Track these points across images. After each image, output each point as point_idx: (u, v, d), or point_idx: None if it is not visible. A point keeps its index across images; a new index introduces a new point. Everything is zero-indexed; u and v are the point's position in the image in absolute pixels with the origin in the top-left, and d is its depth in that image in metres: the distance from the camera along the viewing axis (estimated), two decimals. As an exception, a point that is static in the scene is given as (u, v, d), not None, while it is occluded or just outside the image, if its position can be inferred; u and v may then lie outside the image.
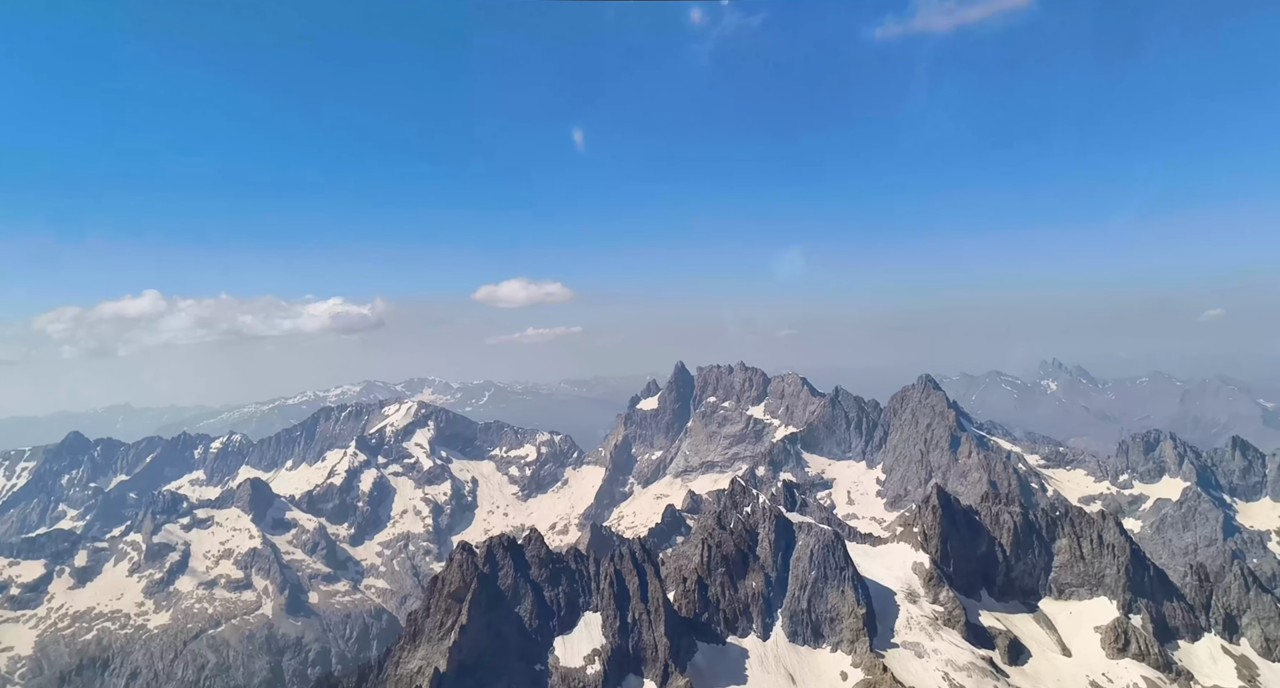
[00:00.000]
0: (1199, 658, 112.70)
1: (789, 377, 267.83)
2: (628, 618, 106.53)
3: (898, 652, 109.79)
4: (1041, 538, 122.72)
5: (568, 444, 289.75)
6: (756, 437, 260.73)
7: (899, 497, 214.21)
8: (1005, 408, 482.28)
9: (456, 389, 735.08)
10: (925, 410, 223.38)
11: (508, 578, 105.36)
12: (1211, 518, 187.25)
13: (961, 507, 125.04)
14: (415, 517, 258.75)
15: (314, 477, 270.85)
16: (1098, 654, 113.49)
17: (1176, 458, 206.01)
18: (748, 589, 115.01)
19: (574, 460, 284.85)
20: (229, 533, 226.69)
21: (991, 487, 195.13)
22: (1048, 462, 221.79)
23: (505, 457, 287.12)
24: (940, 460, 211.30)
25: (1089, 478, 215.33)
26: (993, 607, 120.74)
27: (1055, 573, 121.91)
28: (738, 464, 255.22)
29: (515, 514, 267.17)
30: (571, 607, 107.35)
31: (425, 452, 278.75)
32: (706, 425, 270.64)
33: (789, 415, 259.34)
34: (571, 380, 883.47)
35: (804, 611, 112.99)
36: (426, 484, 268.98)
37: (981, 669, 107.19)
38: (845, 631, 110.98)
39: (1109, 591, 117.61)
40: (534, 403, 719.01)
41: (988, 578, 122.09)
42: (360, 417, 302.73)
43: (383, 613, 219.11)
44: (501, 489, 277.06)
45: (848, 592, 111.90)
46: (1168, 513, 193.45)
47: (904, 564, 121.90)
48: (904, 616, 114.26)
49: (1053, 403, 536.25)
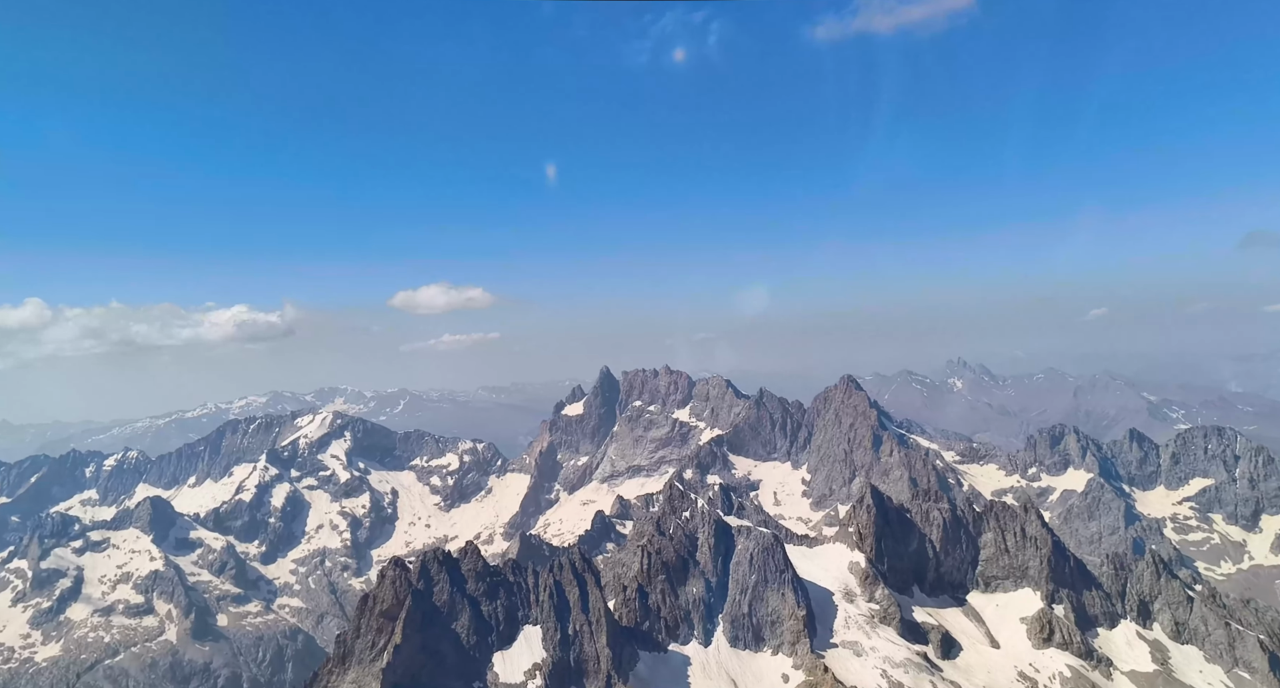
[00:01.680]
0: (1117, 644, 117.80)
1: (714, 379, 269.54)
2: (568, 630, 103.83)
3: (837, 652, 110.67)
4: (968, 533, 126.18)
5: (491, 452, 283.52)
6: (683, 440, 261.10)
7: (824, 496, 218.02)
8: (916, 406, 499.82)
9: (370, 398, 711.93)
10: (848, 411, 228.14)
11: (443, 594, 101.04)
12: (1114, 507, 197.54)
13: (894, 505, 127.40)
14: (332, 531, 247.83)
15: (220, 493, 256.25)
16: (1024, 645, 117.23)
17: (1080, 451, 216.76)
18: (688, 596, 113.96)
19: (498, 469, 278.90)
20: (127, 555, 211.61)
21: (912, 484, 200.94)
22: (962, 458, 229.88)
23: (426, 466, 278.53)
24: (863, 459, 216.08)
25: (1000, 472, 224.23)
26: (924, 602, 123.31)
27: (982, 567, 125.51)
28: (664, 468, 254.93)
29: (438, 525, 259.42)
30: (510, 621, 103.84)
31: (342, 463, 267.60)
32: (632, 430, 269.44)
33: (714, 418, 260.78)
34: (490, 387, 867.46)
35: (745, 615, 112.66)
36: (344, 497, 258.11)
37: (917, 665, 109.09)
38: (786, 633, 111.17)
39: (1033, 582, 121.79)
40: (452, 411, 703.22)
41: (919, 574, 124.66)
42: (270, 429, 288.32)
43: (298, 633, 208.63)
44: (423, 500, 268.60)
45: (788, 594, 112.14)
46: (1074, 504, 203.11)
47: (840, 564, 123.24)
48: (842, 615, 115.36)
49: (959, 400, 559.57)
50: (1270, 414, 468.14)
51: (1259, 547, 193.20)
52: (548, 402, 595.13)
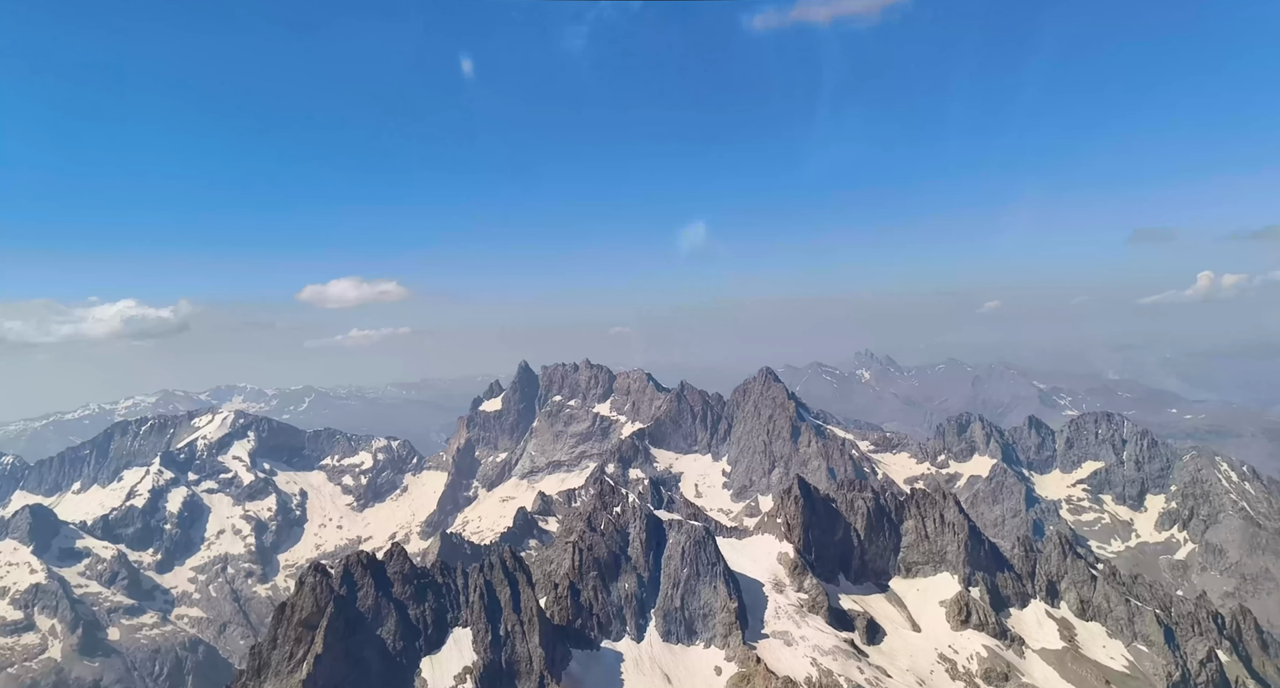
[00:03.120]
0: (1028, 623, 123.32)
1: (634, 373, 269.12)
2: (500, 631, 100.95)
3: (769, 642, 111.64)
4: (891, 521, 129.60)
5: (407, 450, 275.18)
6: (603, 434, 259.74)
7: (745, 487, 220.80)
8: (826, 397, 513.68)
9: (272, 396, 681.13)
10: (767, 402, 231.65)
11: (368, 599, 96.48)
12: (1016, 491, 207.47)
13: (820, 496, 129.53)
14: (234, 536, 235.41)
15: (109, 499, 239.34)
16: (944, 628, 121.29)
17: (985, 438, 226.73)
18: (621, 591, 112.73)
19: (414, 466, 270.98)
20: (3, 569, 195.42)
21: (830, 474, 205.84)
22: (876, 447, 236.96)
23: (338, 466, 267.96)
24: (783, 450, 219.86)
25: (912, 460, 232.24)
26: (850, 590, 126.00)
27: (904, 553, 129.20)
28: (585, 463, 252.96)
29: (350, 526, 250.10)
30: (439, 624, 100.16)
31: (245, 465, 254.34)
32: (552, 425, 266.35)
33: (635, 412, 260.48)
34: (400, 383, 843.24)
35: (677, 609, 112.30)
36: (247, 500, 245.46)
37: (845, 652, 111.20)
38: (718, 626, 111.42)
39: (951, 566, 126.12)
40: (360, 408, 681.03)
41: (845, 563, 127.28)
42: (165, 430, 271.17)
43: (198, 644, 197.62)
44: (334, 501, 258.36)
45: (719, 587, 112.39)
46: (980, 488, 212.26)
47: (770, 555, 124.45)
48: (772, 606, 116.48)
49: (867, 391, 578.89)
50: (1147, 400, 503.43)
51: (1144, 525, 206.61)
52: (461, 398, 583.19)
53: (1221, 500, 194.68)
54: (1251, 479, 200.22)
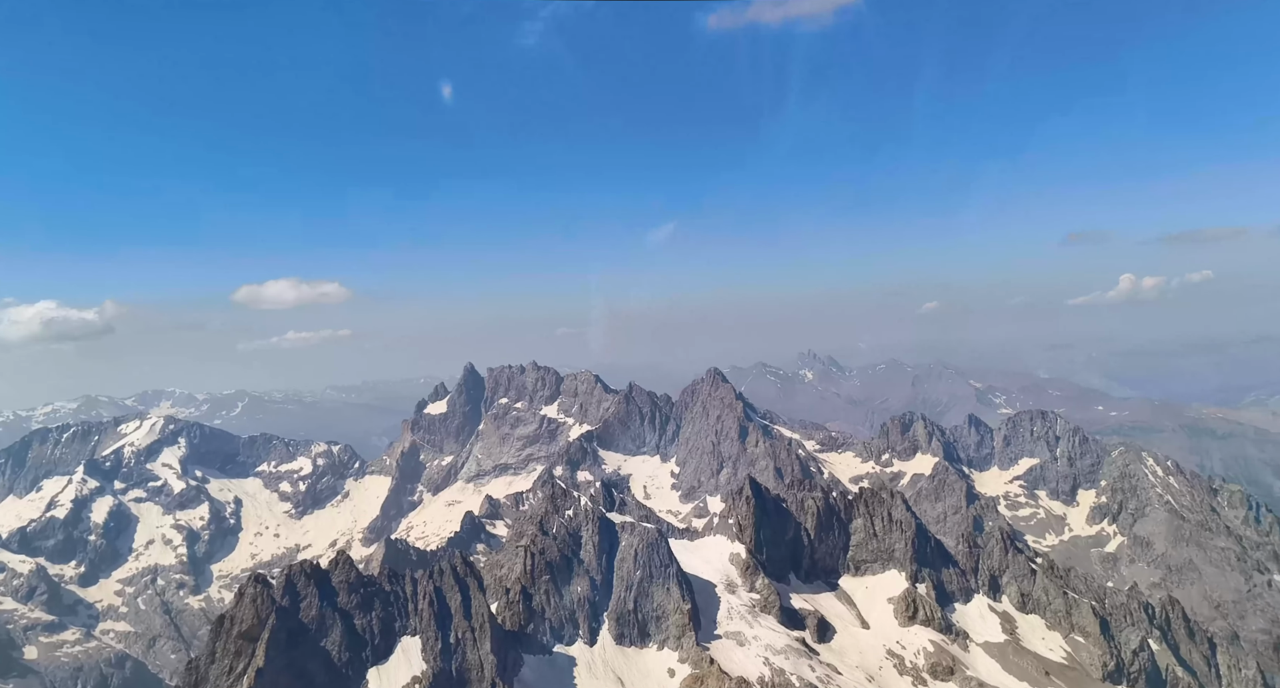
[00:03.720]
0: (971, 618, 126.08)
1: (582, 375, 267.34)
2: (450, 639, 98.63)
3: (721, 643, 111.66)
4: (840, 519, 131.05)
5: (348, 454, 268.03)
6: (551, 436, 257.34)
7: (693, 488, 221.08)
8: (771, 397, 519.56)
9: (203, 401, 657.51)
10: (715, 403, 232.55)
11: (312, 609, 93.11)
12: (957, 488, 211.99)
13: (771, 496, 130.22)
14: (164, 547, 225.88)
15: (27, 510, 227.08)
16: (892, 624, 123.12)
17: (927, 437, 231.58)
18: (573, 595, 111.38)
19: (355, 472, 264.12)
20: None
21: (778, 473, 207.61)
22: (822, 446, 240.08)
23: (275, 472, 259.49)
24: (730, 451, 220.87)
25: (857, 459, 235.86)
26: (801, 589, 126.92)
27: (852, 551, 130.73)
28: (532, 465, 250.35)
29: (288, 534, 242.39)
30: (387, 633, 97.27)
31: (176, 473, 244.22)
32: (499, 427, 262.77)
33: (583, 414, 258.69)
34: (338, 386, 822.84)
35: (630, 611, 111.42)
36: (178, 509, 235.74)
37: (797, 651, 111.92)
38: (671, 627, 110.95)
39: (898, 563, 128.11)
40: (297, 412, 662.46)
41: (795, 562, 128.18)
42: (88, 437, 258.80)
43: (125, 660, 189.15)
44: (271, 508, 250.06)
45: (672, 589, 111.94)
46: (923, 486, 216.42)
47: (721, 556, 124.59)
48: (725, 606, 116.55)
49: (810, 391, 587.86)
50: (1077, 397, 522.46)
51: (1077, 519, 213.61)
52: (403, 401, 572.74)
53: (1148, 495, 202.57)
54: (1175, 474, 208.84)
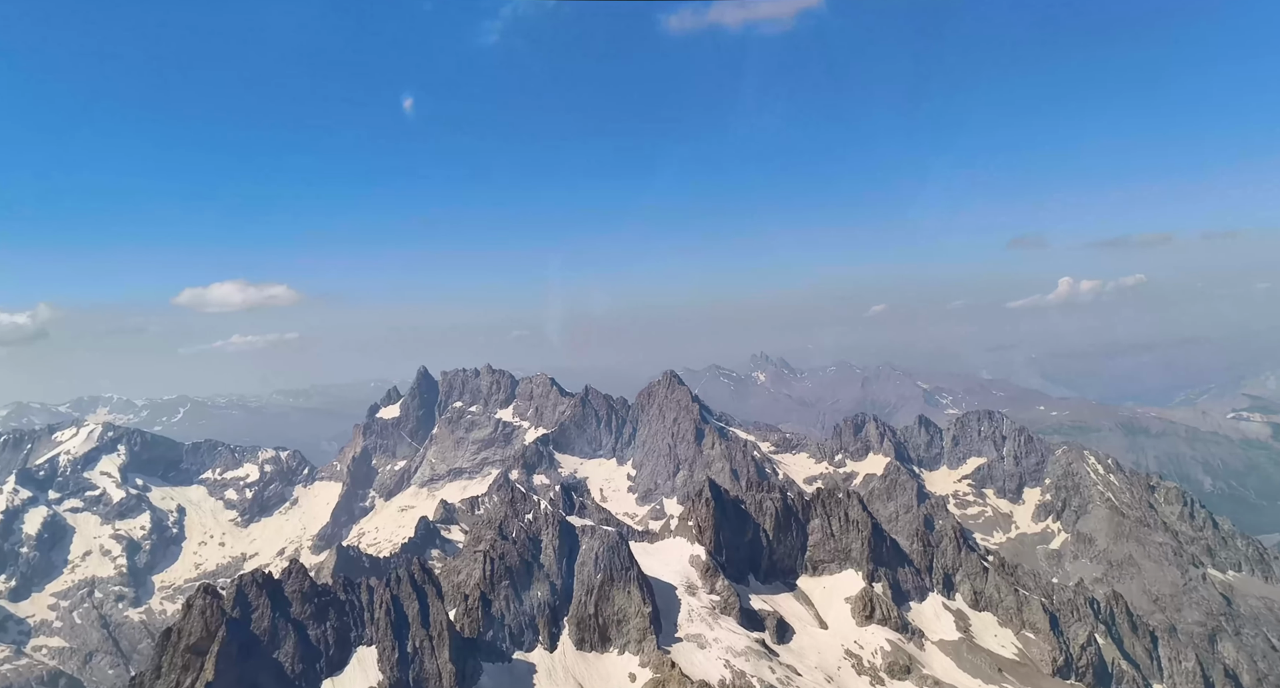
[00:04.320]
0: (926, 616, 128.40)
1: (538, 378, 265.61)
2: (407, 648, 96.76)
3: (682, 646, 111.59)
4: (798, 520, 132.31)
5: (296, 460, 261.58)
6: (506, 440, 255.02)
7: (650, 491, 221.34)
8: (724, 399, 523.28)
9: (142, 407, 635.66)
10: (671, 405, 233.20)
11: (264, 620, 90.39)
12: (908, 488, 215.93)
13: (730, 497, 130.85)
14: (103, 558, 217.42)
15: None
16: (849, 624, 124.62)
17: (879, 437, 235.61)
18: (533, 600, 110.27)
19: (305, 478, 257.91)
20: None
21: (734, 475, 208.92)
22: (777, 447, 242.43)
23: (220, 479, 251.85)
24: (687, 453, 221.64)
25: (811, 460, 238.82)
26: (760, 590, 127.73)
27: (810, 552, 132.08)
28: (488, 469, 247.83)
29: (235, 543, 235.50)
30: (342, 643, 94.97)
31: (115, 481, 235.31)
32: (453, 431, 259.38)
33: (539, 417, 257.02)
34: (285, 391, 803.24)
35: (591, 616, 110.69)
36: (117, 519, 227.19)
37: (757, 653, 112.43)
38: (632, 631, 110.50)
39: (855, 563, 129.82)
40: (242, 418, 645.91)
41: (754, 563, 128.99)
42: (20, 446, 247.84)
43: (59, 677, 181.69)
44: (216, 516, 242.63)
45: (633, 592, 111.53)
46: (875, 486, 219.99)
47: (681, 558, 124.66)
48: (685, 609, 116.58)
49: (763, 392, 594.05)
50: (1018, 398, 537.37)
51: (1023, 517, 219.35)
52: (354, 405, 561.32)
53: (1090, 492, 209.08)
54: (1115, 471, 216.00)
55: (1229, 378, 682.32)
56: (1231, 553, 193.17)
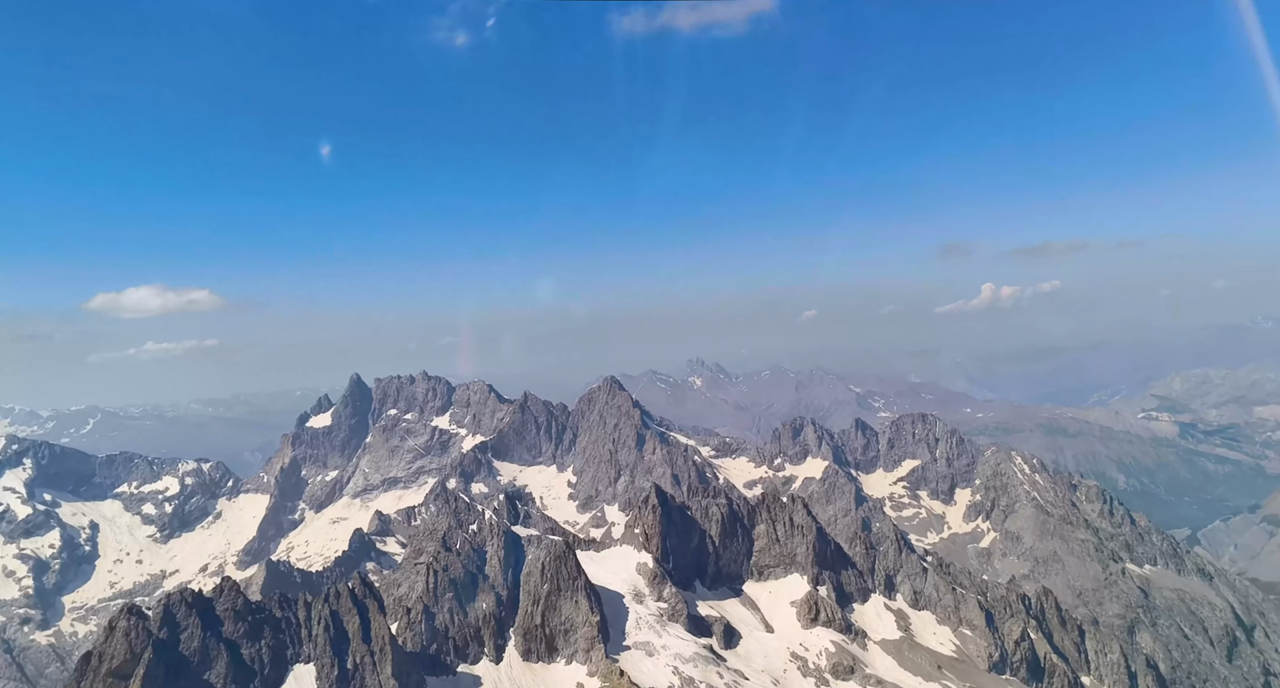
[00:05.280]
0: (869, 617, 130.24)
1: (475, 384, 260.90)
2: (347, 664, 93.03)
3: (631, 654, 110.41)
4: (744, 525, 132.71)
5: (220, 472, 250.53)
6: (443, 448, 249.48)
7: (591, 498, 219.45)
8: (661, 404, 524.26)
9: (48, 418, 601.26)
10: (612, 411, 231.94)
11: (193, 640, 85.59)
12: (846, 491, 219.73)
13: (676, 503, 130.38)
14: (7, 579, 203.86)
15: None
16: (795, 627, 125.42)
17: (817, 441, 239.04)
18: (478, 612, 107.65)
19: (229, 490, 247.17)
20: None
21: (675, 480, 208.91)
22: (717, 452, 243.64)
23: (137, 493, 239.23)
24: (628, 459, 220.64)
25: (750, 464, 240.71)
26: (706, 596, 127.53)
27: (756, 557, 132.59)
28: (424, 478, 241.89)
29: (153, 559, 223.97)
30: (278, 662, 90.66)
31: (20, 497, 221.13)
32: (388, 440, 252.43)
33: (476, 424, 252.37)
34: (205, 400, 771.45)
35: (538, 626, 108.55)
36: (23, 537, 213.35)
37: (705, 659, 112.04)
38: (580, 641, 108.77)
39: (800, 567, 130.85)
40: (157, 428, 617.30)
41: (701, 569, 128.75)
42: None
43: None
44: (133, 532, 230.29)
45: (581, 601, 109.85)
46: (814, 489, 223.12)
47: (628, 566, 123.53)
48: (633, 617, 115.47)
49: (699, 397, 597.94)
50: (946, 400, 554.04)
51: (954, 517, 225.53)
52: (278, 414, 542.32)
53: (1017, 492, 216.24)
54: (1040, 471, 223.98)
55: (1137, 380, 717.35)
56: (1148, 548, 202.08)
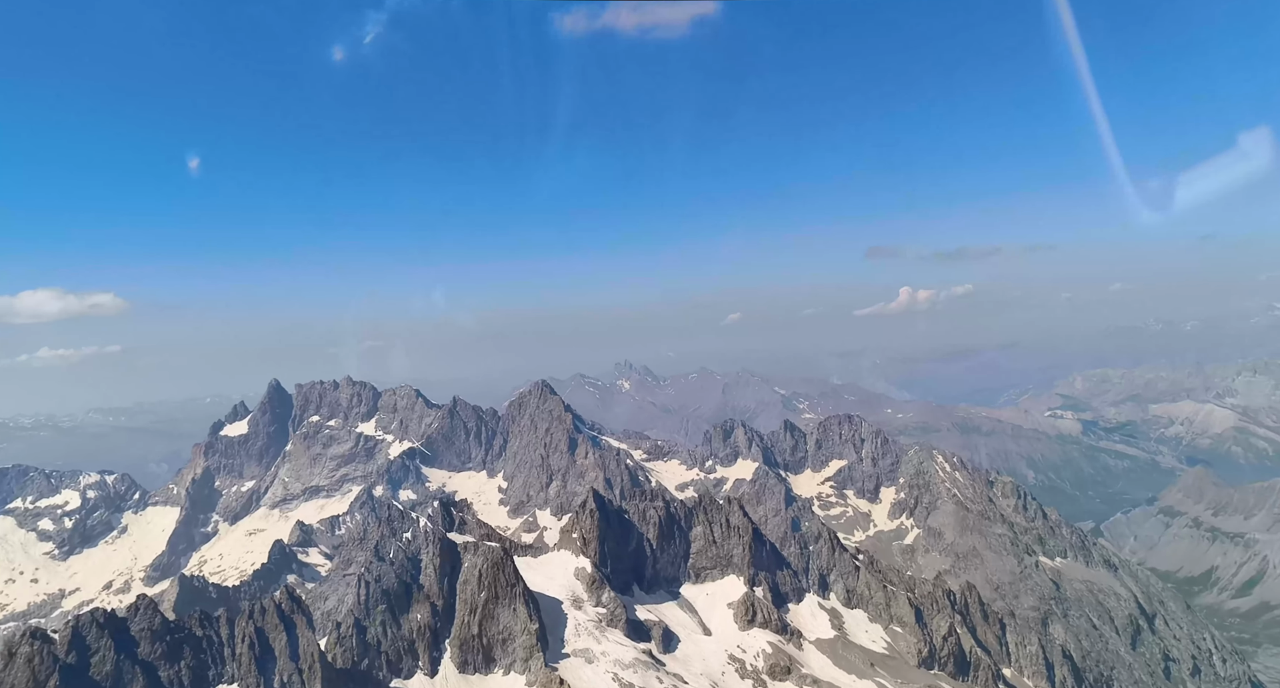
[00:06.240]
0: (804, 617, 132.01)
1: (402, 389, 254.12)
2: (274, 684, 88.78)
3: (570, 661, 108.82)
4: (681, 528, 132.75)
5: (125, 484, 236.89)
6: (369, 455, 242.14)
7: (522, 503, 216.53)
8: (590, 407, 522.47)
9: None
10: (543, 415, 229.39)
11: (106, 664, 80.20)
12: (777, 491, 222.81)
13: (613, 507, 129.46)
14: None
15: None
16: (732, 629, 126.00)
17: (747, 442, 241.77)
18: (412, 624, 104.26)
19: (135, 503, 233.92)
20: None
21: (608, 484, 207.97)
22: (649, 455, 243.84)
23: (32, 508, 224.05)
24: (560, 463, 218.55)
25: (682, 467, 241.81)
26: (644, 600, 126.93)
27: (693, 559, 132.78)
28: (348, 486, 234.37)
29: (51, 578, 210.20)
30: (199, 683, 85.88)
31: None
32: (309, 448, 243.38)
33: (404, 430, 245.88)
34: (104, 409, 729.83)
35: (475, 636, 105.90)
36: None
37: (644, 664, 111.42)
38: (519, 650, 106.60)
39: (736, 569, 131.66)
40: (51, 439, 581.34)
41: (639, 572, 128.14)
42: None
43: None
44: (27, 550, 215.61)
45: (519, 609, 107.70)
46: (745, 491, 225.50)
47: (566, 571, 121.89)
48: (572, 623, 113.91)
49: (628, 400, 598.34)
50: (868, 401, 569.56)
51: (880, 515, 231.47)
52: (187, 423, 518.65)
53: (939, 489, 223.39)
54: (960, 469, 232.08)
55: (1044, 379, 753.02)
56: (1058, 541, 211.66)
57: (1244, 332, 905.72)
